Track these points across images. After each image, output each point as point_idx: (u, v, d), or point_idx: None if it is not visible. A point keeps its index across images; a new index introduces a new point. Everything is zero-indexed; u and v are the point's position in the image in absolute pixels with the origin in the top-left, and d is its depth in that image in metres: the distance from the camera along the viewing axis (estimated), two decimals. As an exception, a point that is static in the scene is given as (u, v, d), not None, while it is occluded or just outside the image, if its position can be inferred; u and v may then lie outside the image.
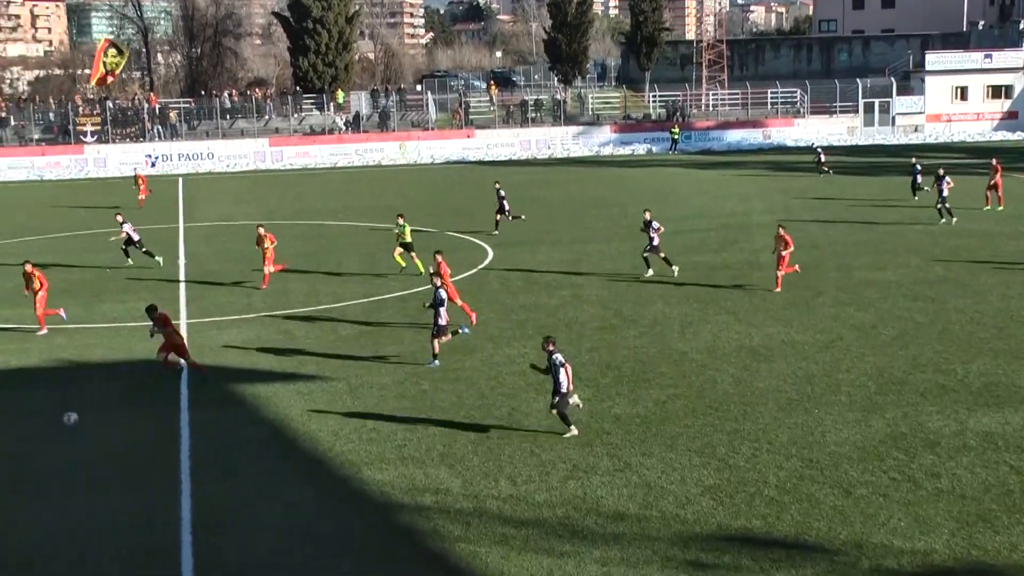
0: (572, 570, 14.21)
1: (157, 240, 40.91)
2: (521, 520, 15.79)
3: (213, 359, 24.68)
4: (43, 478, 18.23)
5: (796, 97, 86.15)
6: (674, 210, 46.69)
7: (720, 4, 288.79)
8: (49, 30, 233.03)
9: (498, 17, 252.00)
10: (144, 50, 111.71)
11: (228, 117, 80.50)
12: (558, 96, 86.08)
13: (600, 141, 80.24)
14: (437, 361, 23.75)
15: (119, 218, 38.20)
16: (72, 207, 54.31)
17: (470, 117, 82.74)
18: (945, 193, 40.59)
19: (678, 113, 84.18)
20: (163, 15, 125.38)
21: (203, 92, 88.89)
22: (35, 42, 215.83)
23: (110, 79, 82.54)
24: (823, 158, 59.50)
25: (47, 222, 48.83)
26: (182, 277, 34.34)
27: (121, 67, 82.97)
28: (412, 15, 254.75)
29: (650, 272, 32.38)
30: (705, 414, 20.21)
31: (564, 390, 18.90)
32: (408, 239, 33.31)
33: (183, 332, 27.10)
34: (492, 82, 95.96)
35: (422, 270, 31.83)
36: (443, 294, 24.14)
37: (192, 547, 15.37)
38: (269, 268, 32.19)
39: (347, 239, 42.18)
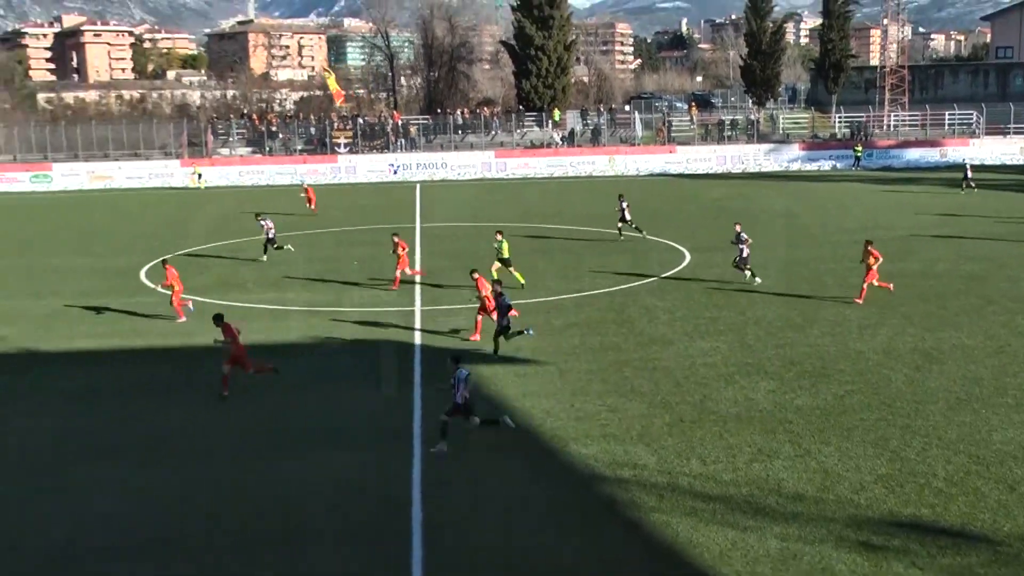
0: (754, 543, 14.09)
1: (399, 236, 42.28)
2: (709, 496, 15.72)
3: (443, 342, 25.34)
4: (300, 437, 19.14)
5: (972, 119, 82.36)
6: (855, 221, 45.37)
7: (903, 33, 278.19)
8: (312, 57, 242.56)
9: (699, 46, 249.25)
10: (390, 74, 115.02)
11: (460, 132, 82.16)
12: (752, 116, 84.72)
13: (789, 157, 78.43)
14: (531, 331, 24.11)
15: (258, 217, 39.74)
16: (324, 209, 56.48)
17: (672, 134, 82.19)
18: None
19: (861, 132, 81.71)
20: (407, 44, 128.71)
21: (439, 110, 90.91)
22: (300, 68, 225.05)
23: (339, 94, 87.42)
24: (970, 174, 56.90)
25: (308, 220, 50.81)
26: (418, 269, 35.30)
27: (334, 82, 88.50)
28: (622, 43, 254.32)
29: (757, 280, 31.78)
30: (879, 409, 19.64)
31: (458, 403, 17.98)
32: (506, 255, 32.15)
33: (417, 316, 27.99)
34: (693, 103, 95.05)
35: (522, 282, 31.47)
36: (507, 300, 24.13)
37: (421, 501, 15.89)
38: (403, 271, 32.40)
39: (559, 242, 42.44)
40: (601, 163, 76.47)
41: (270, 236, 38.34)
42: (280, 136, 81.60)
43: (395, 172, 75.37)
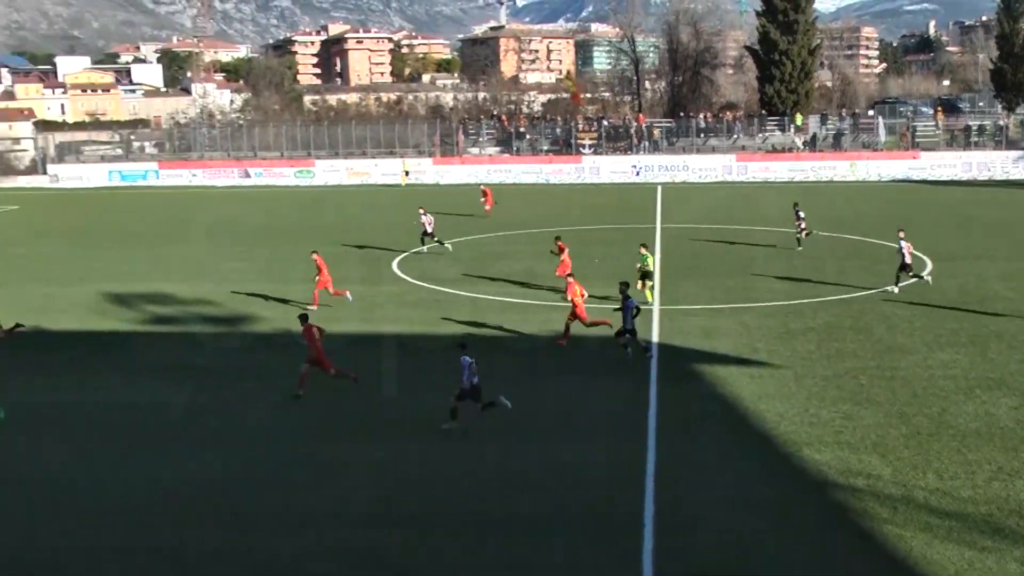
0: (992, 565, 13.37)
1: (638, 236, 42.50)
2: (945, 512, 15.02)
3: (681, 341, 25.27)
4: (538, 425, 19.55)
5: None
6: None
7: None
8: (560, 61, 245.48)
9: (947, 48, 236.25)
10: (635, 78, 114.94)
11: (702, 135, 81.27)
12: (1001, 122, 79.55)
13: (1041, 165, 73.35)
14: (631, 350, 23.56)
15: (421, 211, 41.22)
16: (568, 207, 57.17)
17: (916, 140, 78.35)
18: None
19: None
20: (652, 49, 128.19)
21: (682, 114, 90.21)
22: (548, 71, 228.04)
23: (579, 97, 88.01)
24: None
25: (553, 218, 51.55)
26: (657, 269, 35.25)
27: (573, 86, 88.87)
28: (867, 47, 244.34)
29: (925, 276, 31.26)
30: None
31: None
32: (650, 268, 30.62)
33: (655, 315, 27.99)
34: (939, 108, 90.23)
35: (650, 300, 29.72)
36: (634, 302, 23.62)
37: (653, 494, 15.92)
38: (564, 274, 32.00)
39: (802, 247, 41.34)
40: (842, 168, 73.83)
41: (428, 230, 40.15)
42: (527, 137, 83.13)
43: (637, 174, 75.38)
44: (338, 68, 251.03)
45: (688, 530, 14.85)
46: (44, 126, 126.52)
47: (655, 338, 25.69)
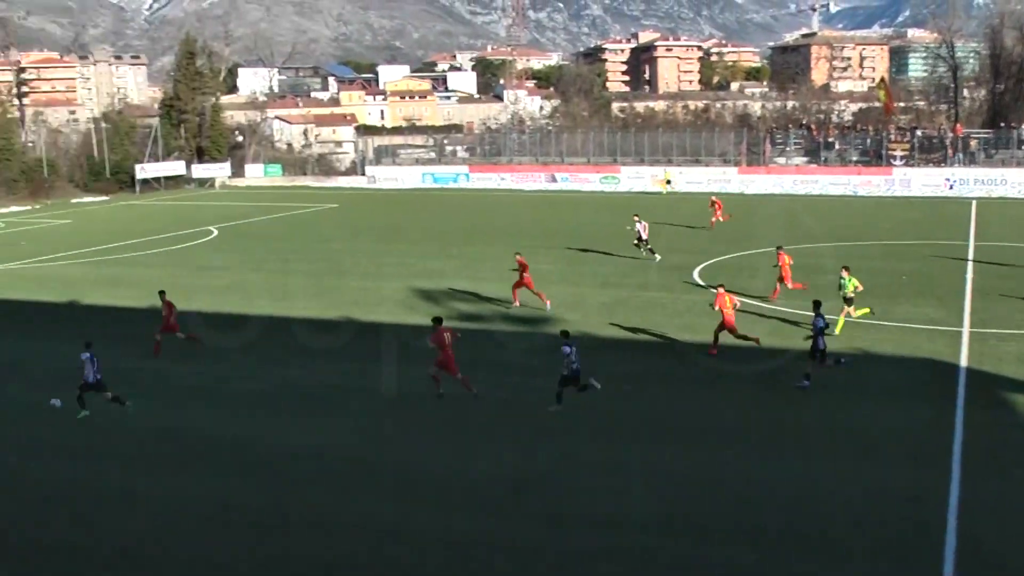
0: None
1: (945, 253, 40.22)
2: None
3: (992, 367, 23.67)
4: (832, 442, 18.92)
5: None
6: None
7: None
8: (873, 68, 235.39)
9: None
10: (952, 85, 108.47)
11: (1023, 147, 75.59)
12: None
13: None
14: (807, 382, 22.10)
15: (636, 217, 41.83)
16: (875, 222, 54.79)
17: None
18: None
19: None
20: (972, 55, 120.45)
21: (1003, 124, 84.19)
22: (860, 79, 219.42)
23: (891, 107, 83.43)
24: None
25: (860, 231, 49.71)
26: (968, 289, 33.17)
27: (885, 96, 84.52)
28: None
29: None
30: None
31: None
32: (850, 293, 27.73)
33: (964, 337, 26.40)
34: None
35: (836, 332, 26.87)
36: (822, 322, 22.28)
37: (956, 529, 15.00)
38: (787, 284, 31.40)
39: None
40: None
41: (642, 236, 40.75)
42: (836, 147, 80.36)
43: (951, 187, 71.08)
44: (647, 76, 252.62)
45: (994, 561, 13.96)
46: (364, 131, 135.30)
47: (963, 362, 24.20)
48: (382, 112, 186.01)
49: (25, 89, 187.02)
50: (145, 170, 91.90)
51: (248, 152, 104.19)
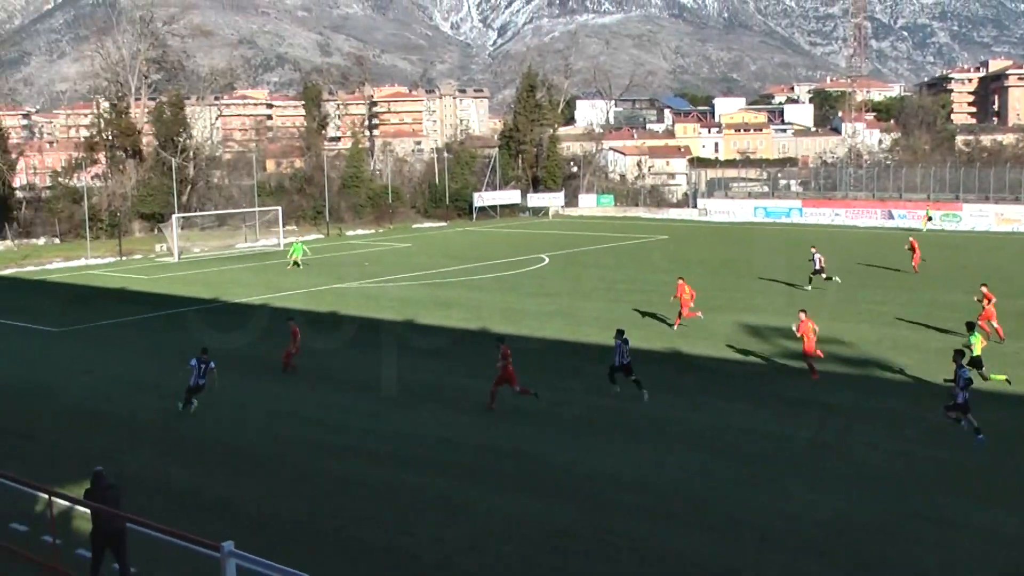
0: None
1: None
2: None
3: None
4: None
5: None
6: None
7: None
8: None
9: None
10: None
11: None
12: None
13: None
14: (981, 436, 20.70)
15: (813, 249, 44.61)
16: None
17: None
18: None
19: None
20: None
21: None
22: None
23: None
24: None
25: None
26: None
27: None
28: None
29: None
30: None
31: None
32: (977, 352, 25.32)
33: None
34: None
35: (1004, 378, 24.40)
36: (966, 373, 20.81)
37: None
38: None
39: None
40: None
41: (818, 268, 43.81)
42: None
43: None
44: (996, 107, 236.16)
45: None
46: (698, 163, 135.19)
47: None
48: (716, 144, 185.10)
49: (376, 121, 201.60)
50: (482, 198, 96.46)
51: (582, 182, 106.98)
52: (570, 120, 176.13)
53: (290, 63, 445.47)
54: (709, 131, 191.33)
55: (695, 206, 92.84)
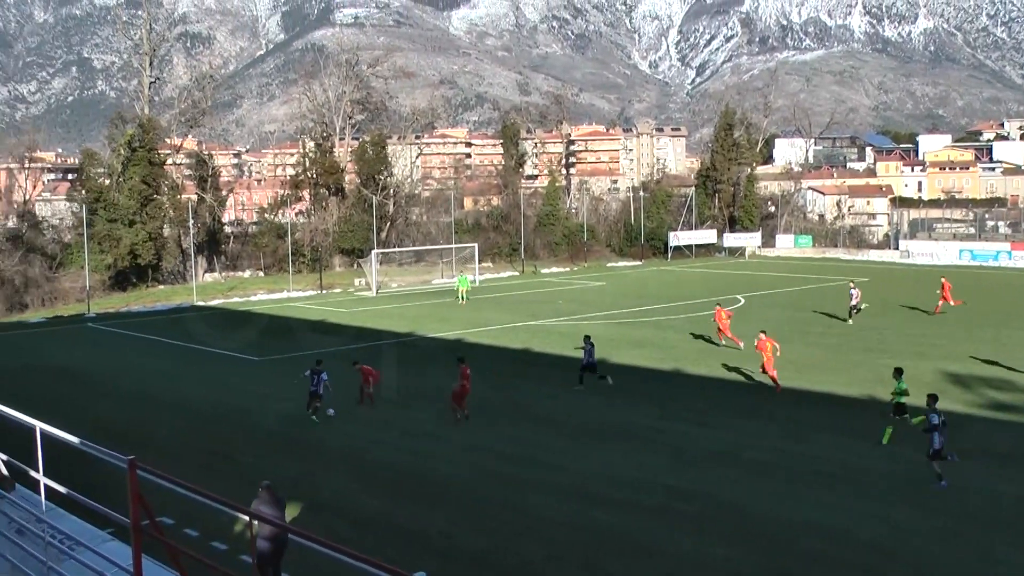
0: None
1: None
2: None
3: None
4: None
5: None
6: None
7: None
8: None
9: None
10: None
11: None
12: None
13: None
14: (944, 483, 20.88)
15: (851, 284, 48.40)
16: None
17: None
18: None
19: None
20: None
21: None
22: None
23: None
24: None
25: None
26: None
27: None
28: None
29: None
30: None
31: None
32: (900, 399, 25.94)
33: None
34: None
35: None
36: (936, 419, 21.10)
37: None
38: None
39: None
40: None
41: (854, 303, 46.93)
42: None
43: None
44: None
45: None
46: (900, 202, 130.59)
47: None
48: (920, 183, 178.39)
49: (573, 159, 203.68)
50: (678, 237, 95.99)
51: (780, 222, 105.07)
52: (768, 159, 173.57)
53: (489, 102, 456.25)
54: (912, 169, 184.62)
55: (897, 247, 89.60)
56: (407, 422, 27.98)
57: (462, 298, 59.08)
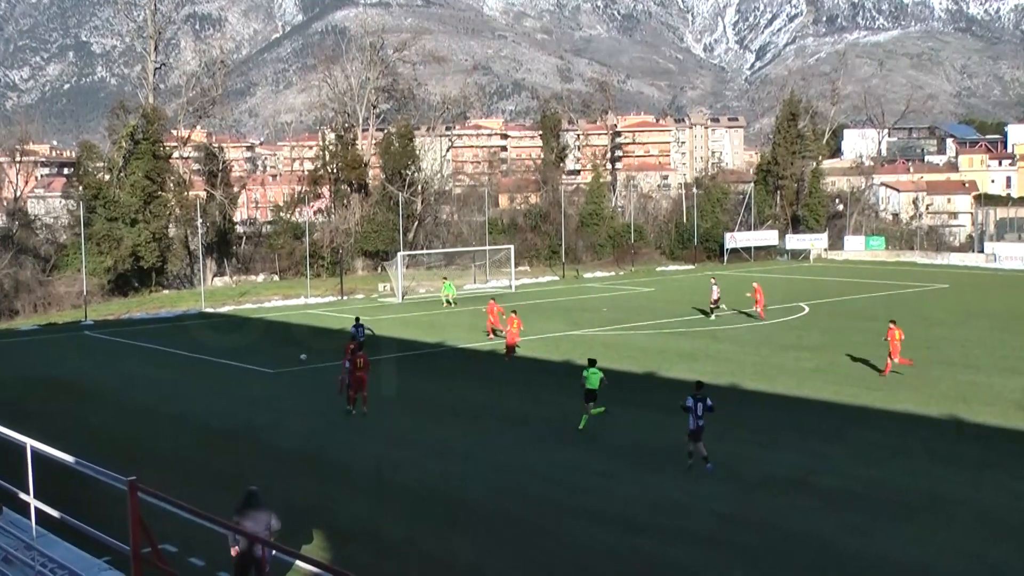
0: None
1: None
2: None
3: None
4: None
5: None
6: None
7: None
8: None
9: None
10: None
11: None
12: None
13: None
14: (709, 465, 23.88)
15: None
16: None
17: None
18: None
19: None
20: None
21: None
22: None
23: None
24: None
25: None
26: None
27: None
28: None
29: None
30: None
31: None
32: (593, 385, 29.23)
33: None
34: None
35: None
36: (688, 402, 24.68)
37: None
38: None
39: None
40: None
41: (715, 298, 53.48)
42: None
43: None
44: None
45: None
46: (985, 200, 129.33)
47: None
48: (1008, 179, 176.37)
49: (619, 153, 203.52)
50: (735, 239, 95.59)
51: (849, 222, 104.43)
52: (836, 152, 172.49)
53: (527, 90, 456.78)
54: (1000, 163, 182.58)
55: (981, 250, 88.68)
56: (434, 441, 27.96)
57: (449, 303, 62.20)
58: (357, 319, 41.84)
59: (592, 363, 29.63)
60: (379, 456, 26.48)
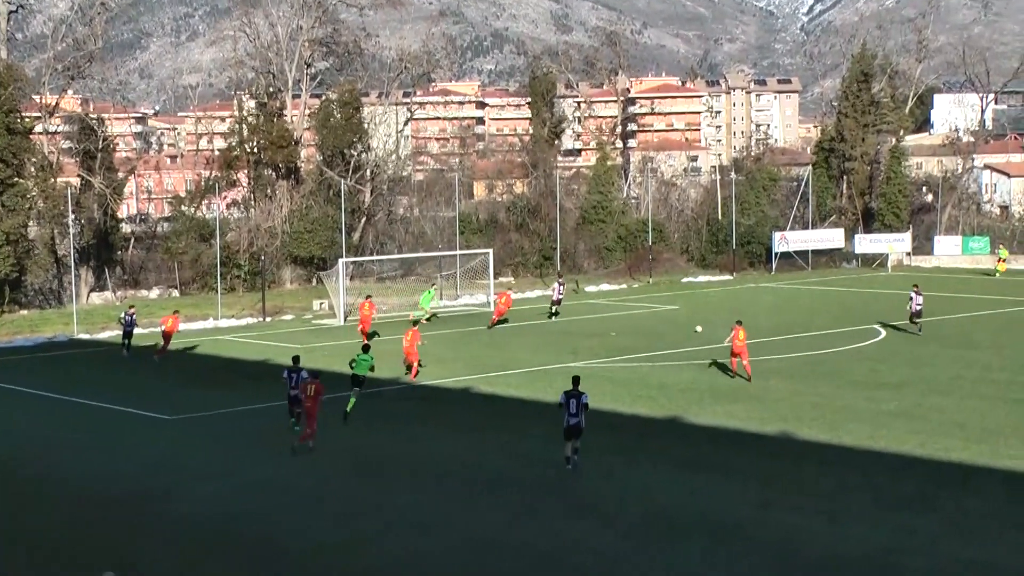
0: None
1: None
2: None
3: None
4: None
5: None
6: None
7: None
8: None
9: None
10: None
11: None
12: None
13: None
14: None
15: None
16: None
17: None
18: None
19: None
20: None
21: None
22: None
23: None
24: None
25: None
26: None
27: None
28: None
29: None
30: None
31: None
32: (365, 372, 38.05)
33: None
34: None
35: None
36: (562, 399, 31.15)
37: None
38: None
39: None
40: None
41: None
42: None
43: None
44: None
45: None
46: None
47: None
48: None
49: (633, 127, 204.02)
50: (787, 240, 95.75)
51: (940, 217, 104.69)
52: (923, 124, 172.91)
53: (511, 43, 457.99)
54: None
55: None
56: (392, 508, 27.92)
57: (427, 317, 63.90)
58: (295, 359, 38.25)
59: (366, 349, 39.26)
60: (316, 531, 26.38)
